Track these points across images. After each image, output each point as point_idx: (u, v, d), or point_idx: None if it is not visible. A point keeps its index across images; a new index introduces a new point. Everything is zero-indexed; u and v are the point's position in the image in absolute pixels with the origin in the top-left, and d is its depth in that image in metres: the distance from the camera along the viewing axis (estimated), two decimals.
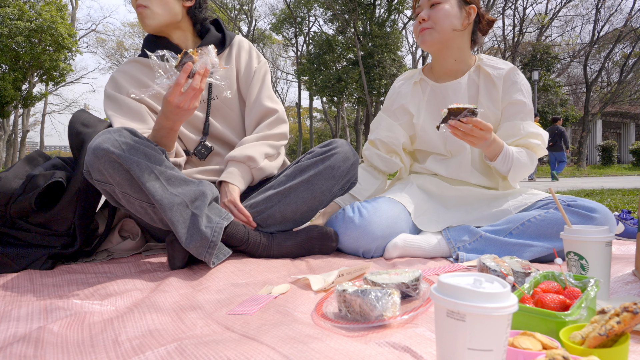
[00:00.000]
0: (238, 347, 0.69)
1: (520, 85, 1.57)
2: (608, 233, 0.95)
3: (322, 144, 1.51)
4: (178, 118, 1.24)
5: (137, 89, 1.49)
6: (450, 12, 1.52)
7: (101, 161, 1.15)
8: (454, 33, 1.54)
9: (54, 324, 0.81)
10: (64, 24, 16.34)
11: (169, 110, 1.21)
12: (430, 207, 1.59)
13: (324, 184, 1.42)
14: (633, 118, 26.43)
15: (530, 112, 1.58)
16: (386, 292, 0.81)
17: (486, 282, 0.56)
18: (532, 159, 1.54)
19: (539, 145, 1.55)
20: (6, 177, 1.29)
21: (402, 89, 1.71)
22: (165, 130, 1.29)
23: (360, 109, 26.36)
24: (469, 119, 1.29)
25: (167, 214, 1.16)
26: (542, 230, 1.37)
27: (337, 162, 1.44)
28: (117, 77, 1.51)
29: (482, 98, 1.58)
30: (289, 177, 1.44)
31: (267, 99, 1.59)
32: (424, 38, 1.55)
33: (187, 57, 1.15)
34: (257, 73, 1.62)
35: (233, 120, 1.61)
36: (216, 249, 1.19)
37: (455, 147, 1.62)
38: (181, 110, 1.20)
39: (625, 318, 0.56)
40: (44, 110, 25.07)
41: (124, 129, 1.21)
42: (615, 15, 25.98)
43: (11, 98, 15.61)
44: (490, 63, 1.61)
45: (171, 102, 1.18)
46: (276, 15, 26.82)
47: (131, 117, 1.45)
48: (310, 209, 1.44)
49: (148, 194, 1.16)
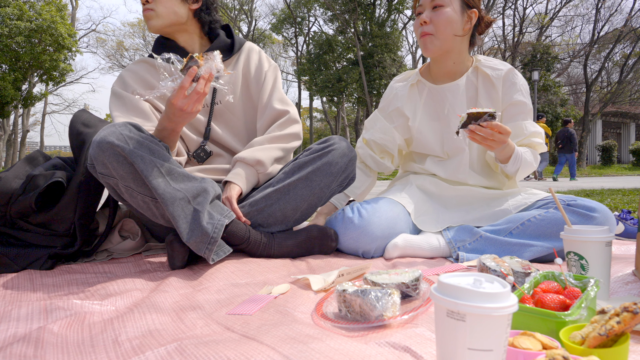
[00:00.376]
0: (238, 347, 0.69)
1: (520, 86, 1.58)
2: (608, 233, 0.95)
3: (319, 141, 1.51)
4: (180, 120, 1.25)
5: (144, 88, 1.50)
6: (452, 17, 1.51)
7: (106, 154, 1.15)
8: (455, 38, 1.54)
9: (54, 324, 0.81)
10: (64, 24, 16.33)
11: (172, 113, 1.22)
12: (430, 207, 1.59)
13: (323, 180, 1.42)
14: (633, 118, 26.43)
15: (530, 111, 1.59)
16: (386, 292, 0.81)
17: (486, 282, 0.56)
18: (536, 157, 1.56)
19: (540, 143, 1.57)
20: (6, 177, 1.29)
21: (398, 91, 1.71)
22: (167, 132, 1.30)
23: (360, 109, 26.35)
24: (489, 123, 1.29)
25: (169, 209, 1.17)
26: (542, 230, 1.37)
27: (335, 159, 1.44)
28: (125, 75, 1.52)
29: (482, 99, 1.59)
30: (287, 175, 1.44)
31: (278, 102, 1.59)
32: (426, 46, 1.55)
33: (193, 61, 1.16)
34: (267, 76, 1.62)
35: (235, 126, 1.61)
36: (216, 246, 1.19)
37: (453, 149, 1.62)
38: (184, 112, 1.21)
39: (625, 318, 0.56)
40: (44, 110, 25.07)
41: (129, 124, 1.22)
42: (615, 15, 25.99)
43: (11, 98, 15.61)
44: (488, 64, 1.61)
45: (175, 104, 1.19)
46: (276, 15, 26.82)
47: (135, 114, 1.45)
48: (309, 206, 1.44)
49: (151, 187, 1.17)
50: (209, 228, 1.18)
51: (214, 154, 1.59)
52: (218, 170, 1.56)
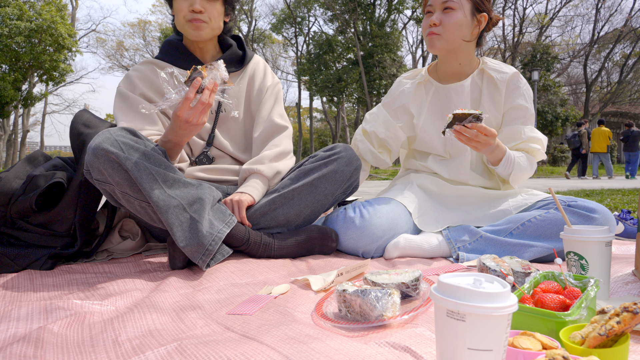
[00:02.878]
0: (238, 347, 0.69)
1: (523, 91, 1.58)
2: (608, 233, 0.95)
3: (325, 148, 1.52)
4: (186, 133, 1.25)
5: (151, 90, 1.49)
6: (462, 22, 1.50)
7: (101, 161, 1.15)
8: (462, 42, 1.54)
9: (54, 324, 0.81)
10: (64, 24, 16.33)
11: (177, 125, 1.22)
12: (430, 206, 1.59)
13: (328, 188, 1.44)
14: (633, 118, 26.41)
15: (532, 117, 1.58)
16: (386, 292, 0.81)
17: (486, 282, 0.56)
18: (532, 163, 1.55)
19: (539, 150, 1.55)
20: (7, 177, 1.29)
21: (405, 88, 1.70)
22: (172, 144, 1.30)
23: (360, 109, 26.34)
24: (473, 124, 1.30)
25: (164, 216, 1.16)
26: (542, 231, 1.38)
27: (341, 167, 1.45)
28: (132, 76, 1.51)
29: (485, 101, 1.59)
30: (292, 180, 1.45)
31: (278, 117, 1.62)
32: (432, 43, 1.54)
33: (196, 73, 1.16)
34: (269, 90, 1.64)
35: (236, 134, 1.63)
36: (211, 256, 1.19)
37: (455, 149, 1.62)
38: (190, 125, 1.21)
39: (625, 318, 0.56)
40: (44, 110, 25.06)
41: (124, 129, 1.22)
42: (615, 15, 25.98)
43: (11, 98, 15.61)
44: (494, 67, 1.61)
45: (180, 116, 1.19)
46: (276, 15, 26.80)
47: (141, 118, 1.44)
48: (313, 212, 1.45)
49: (145, 195, 1.16)
50: (207, 238, 1.17)
51: (215, 157, 1.60)
52: (220, 170, 1.57)
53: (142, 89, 1.48)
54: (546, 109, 19.36)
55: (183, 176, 1.25)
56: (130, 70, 1.55)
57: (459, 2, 1.49)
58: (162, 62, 1.54)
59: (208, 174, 1.54)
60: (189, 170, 1.53)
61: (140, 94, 1.47)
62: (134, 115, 1.44)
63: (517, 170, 1.49)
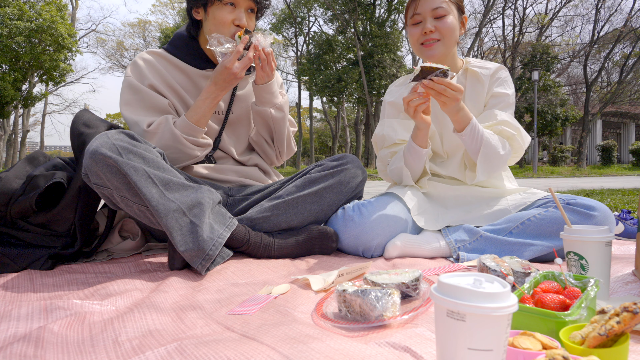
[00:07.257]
0: (238, 347, 0.69)
1: (503, 80, 1.60)
2: (608, 233, 0.95)
3: (332, 158, 1.53)
4: (225, 85, 1.40)
5: (159, 81, 1.50)
6: (455, 25, 1.54)
7: (99, 165, 1.15)
8: (455, 44, 1.58)
9: (54, 324, 0.81)
10: (64, 24, 16.33)
11: (220, 74, 1.39)
12: (429, 206, 1.59)
13: (332, 198, 1.46)
14: (633, 118, 26.43)
15: (511, 105, 1.59)
16: (386, 292, 0.81)
17: (486, 282, 0.56)
18: (505, 145, 1.49)
19: (514, 135, 1.50)
20: (7, 177, 1.29)
21: (401, 89, 1.72)
22: (210, 100, 1.42)
23: (360, 109, 26.36)
24: (440, 79, 1.30)
25: (163, 220, 1.15)
26: (542, 229, 1.38)
27: (347, 178, 1.47)
28: (140, 64, 1.50)
29: (467, 97, 1.61)
30: (298, 188, 1.46)
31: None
32: (432, 52, 1.53)
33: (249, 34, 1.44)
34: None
35: (240, 136, 1.65)
36: (211, 260, 1.18)
37: (452, 148, 1.63)
38: (231, 74, 1.38)
39: (625, 318, 0.56)
40: (44, 110, 25.06)
41: (122, 132, 1.22)
42: (615, 15, 26.02)
43: (11, 98, 15.61)
44: (477, 64, 1.64)
45: (229, 68, 1.37)
46: (276, 15, 26.79)
47: (152, 112, 1.45)
48: (316, 220, 1.47)
49: (144, 199, 1.16)
50: (208, 243, 1.16)
51: (218, 160, 1.62)
52: (223, 170, 1.58)
53: (152, 79, 1.48)
54: (546, 109, 19.36)
55: (183, 178, 1.25)
56: (137, 58, 1.54)
57: (448, 7, 1.52)
58: (171, 57, 1.54)
59: (209, 171, 1.55)
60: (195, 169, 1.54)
61: (149, 85, 1.47)
62: (147, 110, 1.45)
63: (486, 145, 1.43)
